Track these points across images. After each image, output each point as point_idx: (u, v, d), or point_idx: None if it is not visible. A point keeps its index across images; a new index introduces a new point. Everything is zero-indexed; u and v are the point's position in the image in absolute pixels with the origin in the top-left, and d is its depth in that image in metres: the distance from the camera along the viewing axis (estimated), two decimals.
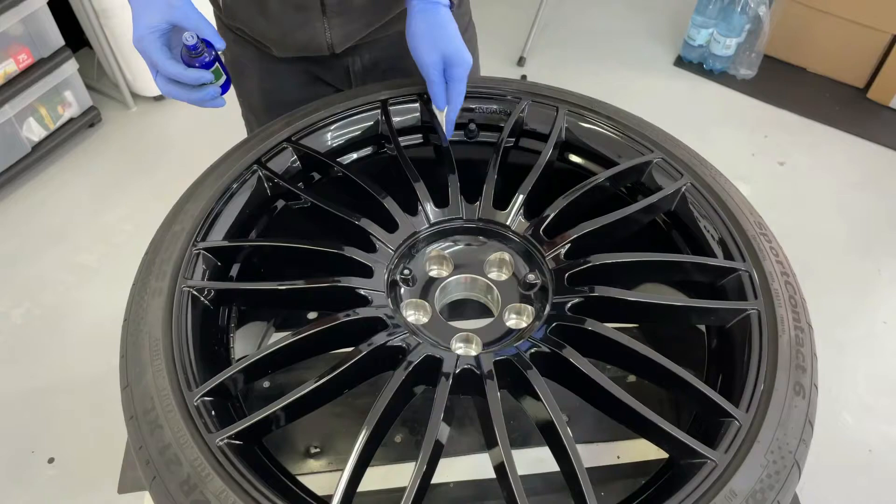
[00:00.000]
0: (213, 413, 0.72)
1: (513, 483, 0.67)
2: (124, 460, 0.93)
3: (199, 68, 0.89)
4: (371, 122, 1.04)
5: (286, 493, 0.69)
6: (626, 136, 1.00)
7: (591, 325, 0.79)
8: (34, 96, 2.50)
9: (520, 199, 0.95)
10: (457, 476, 0.92)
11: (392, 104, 1.03)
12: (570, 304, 0.84)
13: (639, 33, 3.32)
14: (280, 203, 0.98)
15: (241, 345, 0.94)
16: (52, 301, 2.28)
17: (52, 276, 2.34)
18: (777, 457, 0.69)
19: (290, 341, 0.77)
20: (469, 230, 0.96)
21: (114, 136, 2.83)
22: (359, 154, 1.06)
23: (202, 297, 0.82)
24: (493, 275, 0.92)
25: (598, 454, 0.95)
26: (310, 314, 1.09)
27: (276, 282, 0.83)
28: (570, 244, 0.90)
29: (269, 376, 1.00)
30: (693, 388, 0.74)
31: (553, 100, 1.04)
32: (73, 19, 2.65)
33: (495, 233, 0.95)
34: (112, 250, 2.42)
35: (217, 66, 0.92)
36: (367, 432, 0.70)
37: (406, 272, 0.89)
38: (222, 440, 0.69)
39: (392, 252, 0.91)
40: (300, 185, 0.98)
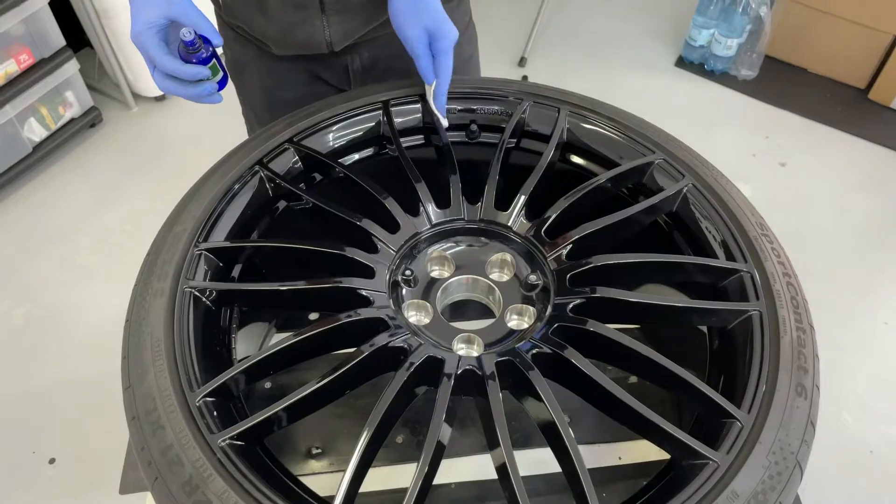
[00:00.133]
0: (214, 414, 0.72)
1: (515, 484, 0.67)
2: (126, 461, 0.93)
3: (197, 64, 0.89)
4: (373, 123, 1.04)
5: (288, 493, 0.69)
6: (628, 136, 0.99)
7: (592, 326, 0.79)
8: (35, 96, 2.50)
9: (521, 199, 0.95)
10: (459, 477, 0.92)
11: (394, 105, 1.03)
12: (571, 305, 0.83)
13: (640, 34, 3.32)
14: (282, 204, 0.98)
15: (243, 345, 0.94)
16: (53, 301, 2.27)
17: (54, 277, 2.34)
18: (779, 458, 0.68)
19: (291, 342, 0.77)
20: (470, 231, 0.95)
21: (115, 136, 2.83)
22: (360, 155, 1.06)
23: (204, 298, 0.82)
24: (494, 276, 0.92)
25: (600, 455, 0.95)
26: (311, 315, 1.09)
27: (277, 282, 0.83)
28: (571, 245, 0.90)
29: (270, 377, 1.00)
30: (695, 389, 0.74)
31: (554, 100, 1.04)
32: (75, 19, 2.66)
33: (497, 234, 0.95)
34: (113, 251, 2.42)
35: (214, 62, 0.92)
36: (368, 433, 0.70)
37: (408, 273, 0.88)
38: (224, 441, 0.69)
39: (394, 253, 0.91)
40: (302, 185, 0.98)
